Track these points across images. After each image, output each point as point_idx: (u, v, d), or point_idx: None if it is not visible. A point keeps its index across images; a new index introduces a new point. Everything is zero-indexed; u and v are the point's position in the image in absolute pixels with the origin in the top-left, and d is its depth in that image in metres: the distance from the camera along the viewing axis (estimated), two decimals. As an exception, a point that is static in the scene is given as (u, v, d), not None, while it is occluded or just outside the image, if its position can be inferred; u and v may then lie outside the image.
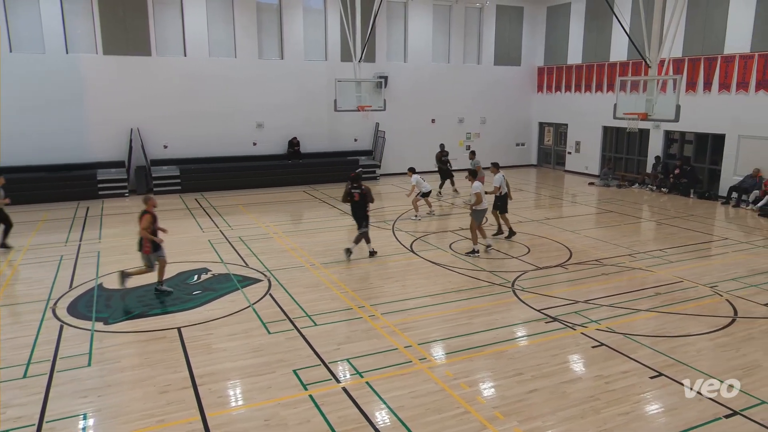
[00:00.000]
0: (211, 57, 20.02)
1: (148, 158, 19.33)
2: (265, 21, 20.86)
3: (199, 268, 10.90)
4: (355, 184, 11.70)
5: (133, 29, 18.85)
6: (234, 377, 6.76)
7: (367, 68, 21.17)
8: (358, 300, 9.25)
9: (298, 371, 6.84)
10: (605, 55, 22.23)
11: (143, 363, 7.07)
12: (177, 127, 19.74)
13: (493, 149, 25.15)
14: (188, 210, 16.55)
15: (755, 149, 17.10)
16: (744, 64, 17.15)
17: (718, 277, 10.40)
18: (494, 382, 6.68)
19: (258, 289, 9.77)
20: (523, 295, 9.49)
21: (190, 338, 7.77)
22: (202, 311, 8.77)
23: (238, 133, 20.73)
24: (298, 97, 21.40)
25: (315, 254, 11.92)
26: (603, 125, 22.56)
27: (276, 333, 7.96)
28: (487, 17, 24.34)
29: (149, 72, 19.21)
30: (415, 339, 7.75)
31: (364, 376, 6.74)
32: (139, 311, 8.77)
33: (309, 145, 21.81)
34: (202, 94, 19.96)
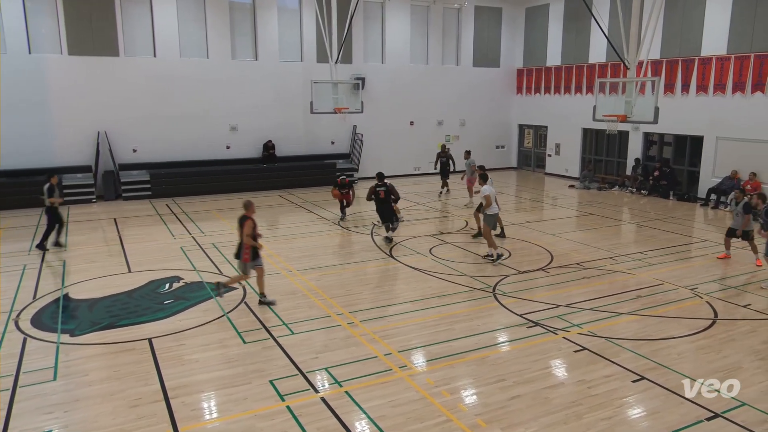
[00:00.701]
0: (182, 58, 19.82)
1: (117, 163, 19.02)
2: (238, 21, 20.73)
3: (170, 277, 10.75)
4: (379, 183, 12.83)
5: (100, 29, 18.56)
6: (208, 389, 6.67)
7: (344, 69, 21.15)
8: (337, 307, 9.22)
9: (275, 382, 6.77)
10: (584, 57, 22.60)
11: (112, 376, 6.93)
12: (146, 131, 19.48)
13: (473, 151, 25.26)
14: (159, 216, 16.33)
15: (733, 151, 17.54)
16: (720, 66, 17.59)
17: (698, 280, 10.62)
18: (476, 389, 6.70)
19: (232, 297, 9.67)
20: (504, 299, 9.56)
21: (161, 349, 7.65)
22: (173, 321, 8.64)
23: (210, 136, 20.54)
24: (273, 99, 21.30)
25: (292, 260, 11.85)
26: (583, 127, 22.92)
27: (251, 342, 7.88)
28: (466, 18, 24.56)
29: (117, 73, 18.93)
30: (395, 346, 7.74)
31: (343, 385, 6.71)
32: (107, 322, 8.60)
33: (284, 149, 21.71)
34: (173, 96, 19.73)
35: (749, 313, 8.98)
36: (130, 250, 12.63)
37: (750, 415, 6.07)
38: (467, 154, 18.41)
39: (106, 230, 14.71)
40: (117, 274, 10.98)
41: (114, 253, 12.56)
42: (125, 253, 12.47)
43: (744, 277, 10.86)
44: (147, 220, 15.88)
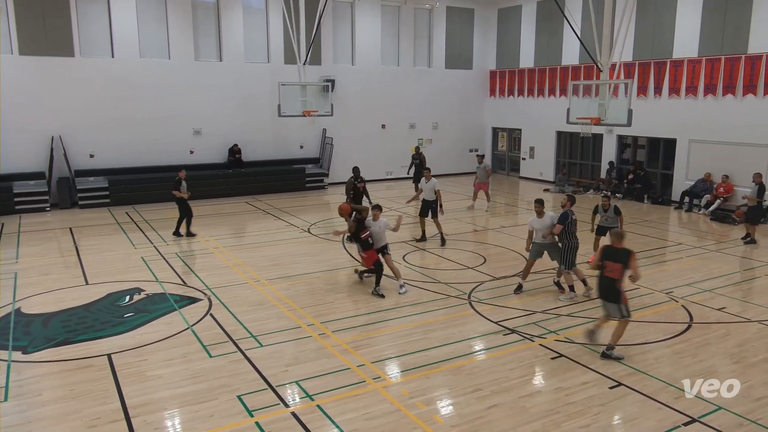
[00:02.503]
0: (142, 58, 19.52)
1: (72, 169, 18.60)
2: (201, 20, 20.53)
3: (130, 288, 10.54)
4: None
5: (54, 28, 18.15)
6: (172, 406, 6.54)
7: (313, 71, 21.12)
8: (307, 317, 9.16)
9: (243, 397, 6.69)
10: (557, 59, 23.03)
11: (68, 395, 6.75)
12: (104, 135, 19.09)
13: (446, 155, 25.61)
14: (118, 225, 16.01)
15: (706, 154, 18.06)
16: (692, 68, 18.12)
17: (674, 283, 10.88)
18: (452, 399, 6.73)
19: (197, 309, 9.52)
20: (480, 306, 9.63)
21: (121, 365, 7.48)
22: (134, 335, 8.47)
23: (173, 140, 20.25)
24: (239, 101, 21.14)
25: (260, 269, 11.74)
26: (557, 130, 23.31)
27: (218, 356, 7.77)
28: (437, 19, 24.80)
29: (73, 74, 18.53)
30: (368, 357, 7.73)
31: (314, 398, 6.66)
32: (62, 338, 8.38)
33: (251, 153, 21.53)
34: (133, 99, 19.40)
35: (724, 316, 9.23)
36: (88, 261, 12.34)
37: (727, 419, 6.22)
38: (480, 159, 18.59)
39: (61, 240, 14.35)
40: (73, 286, 10.72)
41: (70, 264, 12.26)
42: (82, 264, 12.18)
43: (719, 280, 11.15)
44: (105, 229, 15.55)
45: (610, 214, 11.86)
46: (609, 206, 11.96)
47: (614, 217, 11.80)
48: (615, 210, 11.81)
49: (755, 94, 16.63)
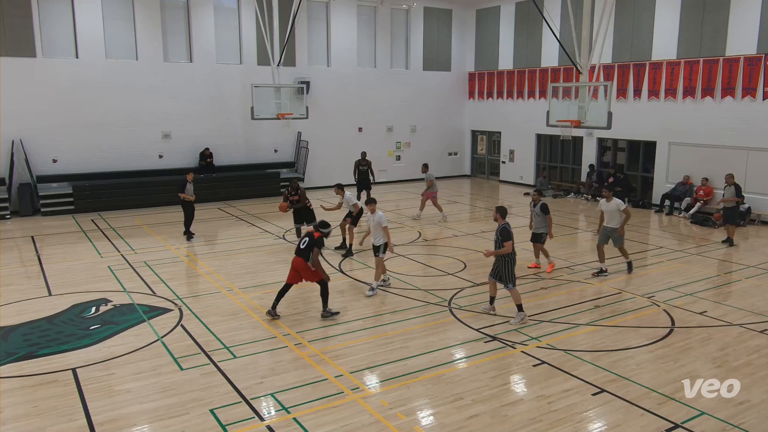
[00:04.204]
0: (108, 59, 19.26)
1: (34, 174, 18.23)
2: (170, 20, 20.35)
3: (97, 299, 10.36)
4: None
5: (14, 27, 17.82)
6: (141, 422, 6.44)
7: (287, 73, 21.09)
8: (282, 327, 9.10)
9: (216, 410, 6.62)
10: (536, 61, 23.33)
11: (30, 412, 6.60)
12: (68, 139, 18.78)
13: (425, 159, 25.59)
14: (83, 233, 15.74)
15: (685, 156, 18.45)
16: (671, 70, 18.52)
17: (655, 287, 11.07)
18: (433, 409, 6.74)
19: (168, 319, 9.40)
20: (460, 313, 9.67)
21: (87, 380, 7.34)
22: (101, 348, 8.32)
23: (141, 144, 20.00)
24: (210, 103, 20.98)
25: (233, 278, 11.64)
26: (537, 133, 23.59)
27: (189, 369, 7.67)
28: (415, 20, 24.96)
29: (34, 76, 18.20)
30: (346, 367, 7.70)
31: (291, 411, 6.61)
32: (24, 352, 8.19)
33: (223, 157, 21.37)
34: (98, 101, 19.12)
35: (705, 320, 9.42)
36: (51, 271, 12.11)
37: (709, 424, 6.34)
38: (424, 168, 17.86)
39: (22, 249, 14.05)
40: (35, 297, 10.50)
41: (32, 274, 12.01)
42: (45, 274, 11.94)
43: (700, 283, 11.38)
44: (69, 237, 15.28)
45: (537, 211, 11.70)
46: (539, 201, 11.79)
47: (542, 215, 11.67)
48: (543, 208, 11.65)
49: (733, 96, 17.06)
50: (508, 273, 9.17)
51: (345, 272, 12.07)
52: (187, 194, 14.47)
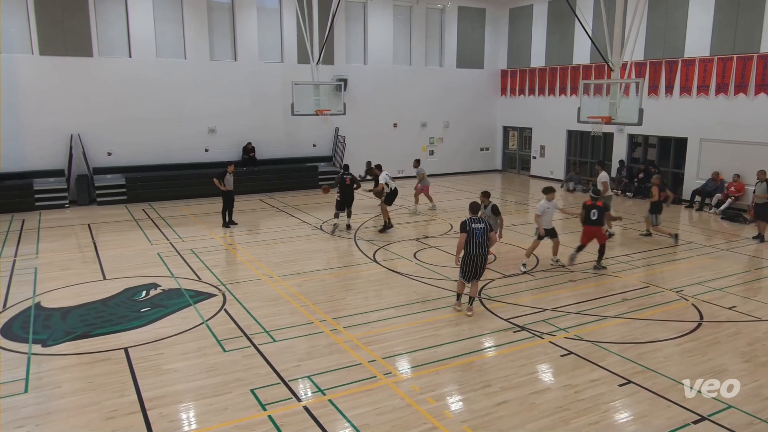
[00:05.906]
0: (158, 58, 19.65)
1: (91, 166, 18.78)
2: (216, 21, 20.62)
3: (147, 284, 10.62)
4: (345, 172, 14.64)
5: (73, 28, 18.32)
6: (187, 399, 6.60)
7: (326, 71, 21.16)
8: (319, 313, 9.18)
9: (256, 391, 6.73)
10: (568, 59, 22.86)
11: (86, 387, 6.82)
12: (122, 133, 19.26)
13: (457, 154, 25.59)
14: (135, 221, 16.14)
15: (716, 153, 17.86)
16: (704, 67, 17.92)
17: (684, 282, 10.78)
18: (462, 395, 6.72)
19: (212, 304, 9.58)
20: (490, 304, 9.60)
21: (138, 359, 7.55)
22: (150, 330, 8.54)
23: (188, 138, 20.38)
24: (253, 100, 21.21)
25: (273, 266, 11.79)
26: (567, 129, 23.16)
27: (232, 351, 7.81)
28: (449, 19, 24.71)
29: (91, 74, 18.70)
30: (379, 353, 7.74)
31: (326, 393, 6.68)
32: (81, 331, 8.47)
33: (265, 151, 21.62)
34: (149, 98, 19.54)
35: (734, 315, 9.14)
36: (105, 257, 12.46)
37: (736, 417, 6.16)
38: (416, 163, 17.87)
39: (79, 236, 14.50)
40: (91, 281, 10.82)
41: (88, 259, 12.39)
42: (100, 259, 12.30)
43: (729, 278, 11.03)
44: (122, 225, 15.69)
45: (488, 213, 11.02)
46: (488, 204, 11.09)
47: (492, 217, 11.06)
48: (493, 209, 11.10)
49: (767, 93, 16.41)
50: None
51: (379, 262, 12.10)
52: (227, 184, 14.82)
